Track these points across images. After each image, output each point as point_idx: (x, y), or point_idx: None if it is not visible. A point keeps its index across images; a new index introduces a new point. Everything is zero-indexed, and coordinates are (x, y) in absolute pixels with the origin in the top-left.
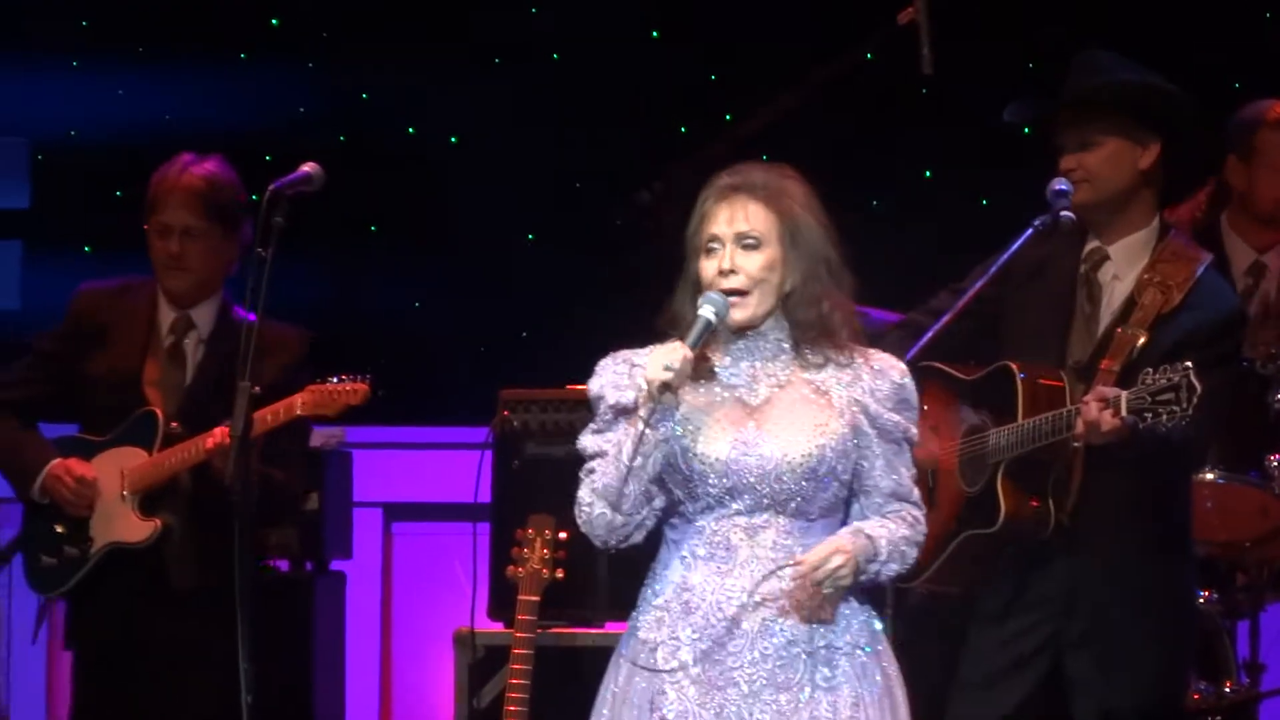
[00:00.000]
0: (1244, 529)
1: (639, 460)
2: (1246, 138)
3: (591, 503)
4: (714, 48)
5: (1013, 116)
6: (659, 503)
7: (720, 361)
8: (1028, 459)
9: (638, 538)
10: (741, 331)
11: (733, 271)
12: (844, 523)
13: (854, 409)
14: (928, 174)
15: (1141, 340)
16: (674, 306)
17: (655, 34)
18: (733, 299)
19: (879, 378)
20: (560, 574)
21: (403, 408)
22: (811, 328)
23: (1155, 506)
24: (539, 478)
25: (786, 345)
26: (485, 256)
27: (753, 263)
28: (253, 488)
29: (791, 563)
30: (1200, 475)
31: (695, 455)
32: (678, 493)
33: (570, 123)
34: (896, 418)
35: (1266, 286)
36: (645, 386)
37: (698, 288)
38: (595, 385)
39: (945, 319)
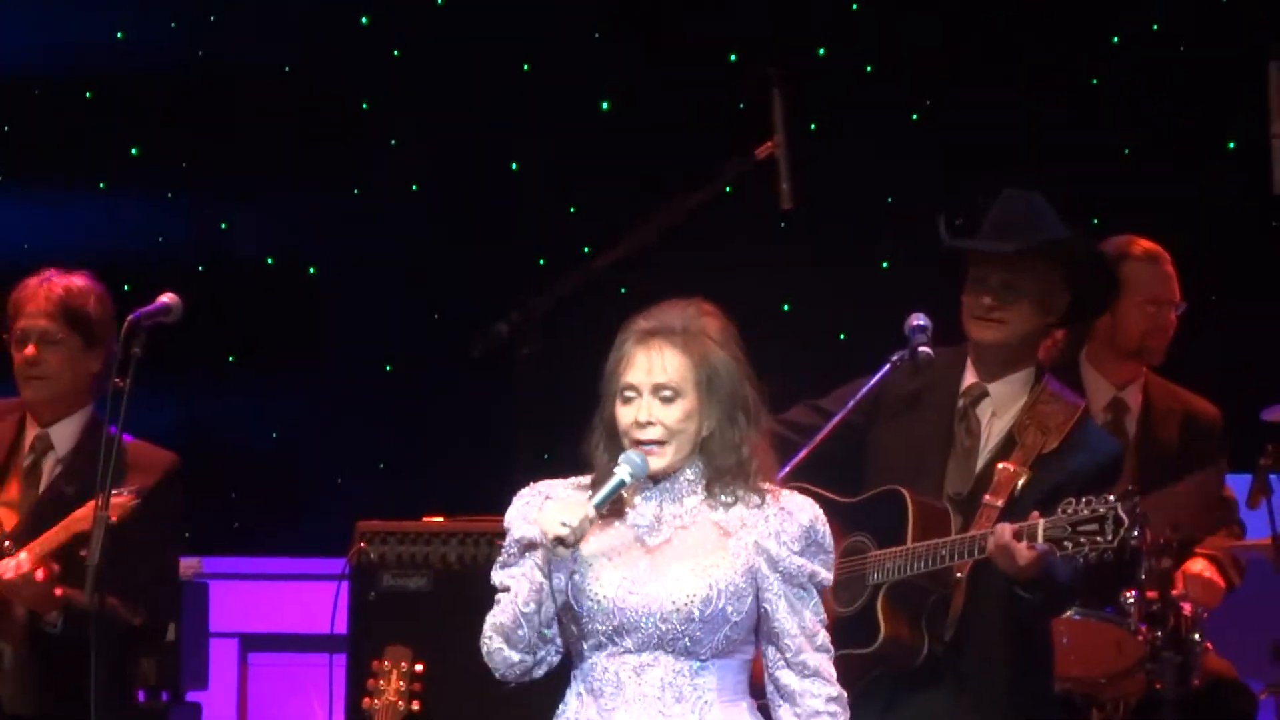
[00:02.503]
0: (1100, 664)
1: (533, 605)
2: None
3: (491, 637)
4: (572, 180)
5: (951, 242)
6: (559, 641)
7: (630, 502)
8: (911, 584)
9: (538, 673)
10: (656, 477)
11: (650, 423)
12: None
13: (754, 551)
14: (786, 307)
15: (1024, 478)
16: (588, 445)
17: (514, 165)
18: (649, 448)
19: (786, 519)
20: (416, 706)
21: (260, 538)
22: (727, 471)
23: (1023, 638)
24: (395, 609)
25: (699, 486)
26: (343, 387)
27: (670, 414)
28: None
29: None
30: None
31: (585, 593)
32: (572, 629)
33: (429, 254)
34: (802, 561)
35: (1126, 424)
36: (533, 521)
37: (613, 433)
38: (508, 516)
39: (816, 440)
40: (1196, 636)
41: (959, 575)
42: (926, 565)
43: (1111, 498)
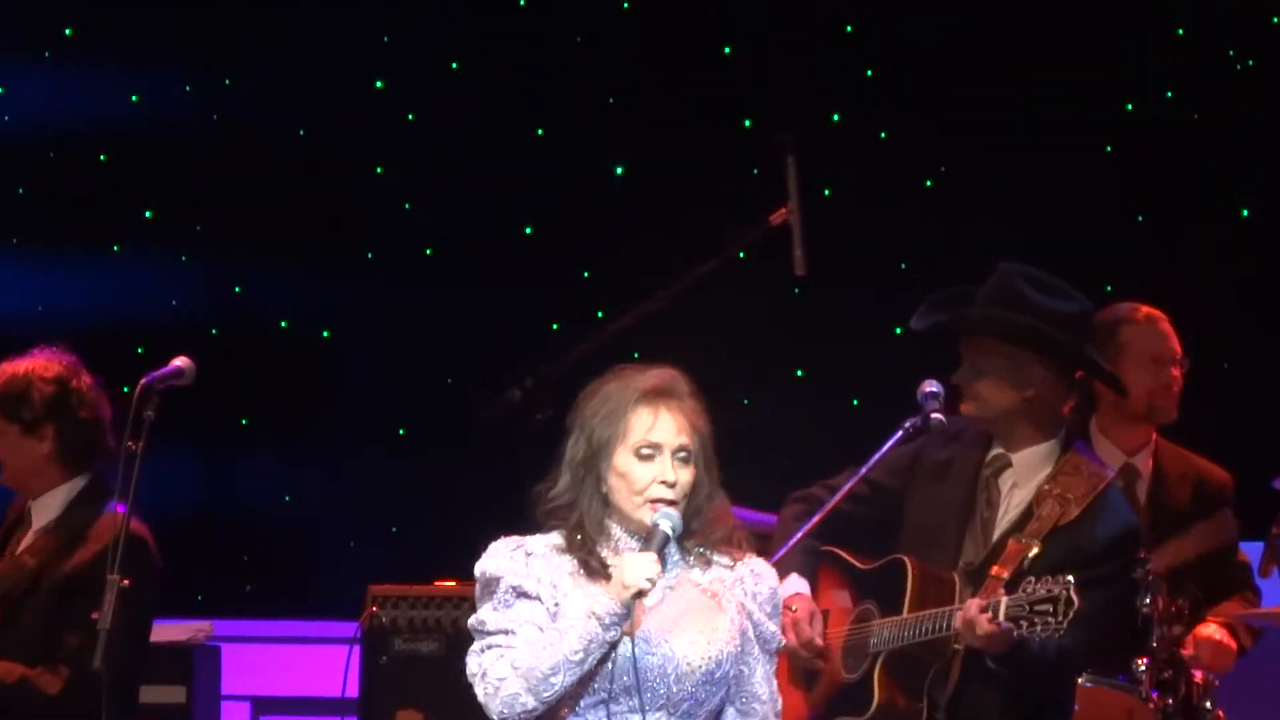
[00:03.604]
0: None
1: (581, 655)
2: (1110, 338)
3: (505, 679)
4: (586, 244)
5: (915, 324)
6: None
7: (614, 565)
8: (908, 654)
9: None
10: (645, 537)
11: (674, 484)
12: None
13: (742, 614)
14: (799, 373)
15: (1034, 551)
16: (554, 500)
17: (528, 230)
18: (660, 506)
19: (759, 582)
20: None
21: (272, 601)
22: (708, 534)
23: (1020, 711)
24: (406, 673)
25: (676, 548)
26: (356, 451)
27: (685, 476)
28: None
29: None
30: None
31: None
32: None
33: (442, 318)
34: (774, 627)
35: (1137, 490)
36: (620, 590)
37: (597, 488)
38: (491, 565)
39: (827, 508)
40: (1208, 704)
41: (956, 646)
42: (916, 635)
43: (1070, 578)
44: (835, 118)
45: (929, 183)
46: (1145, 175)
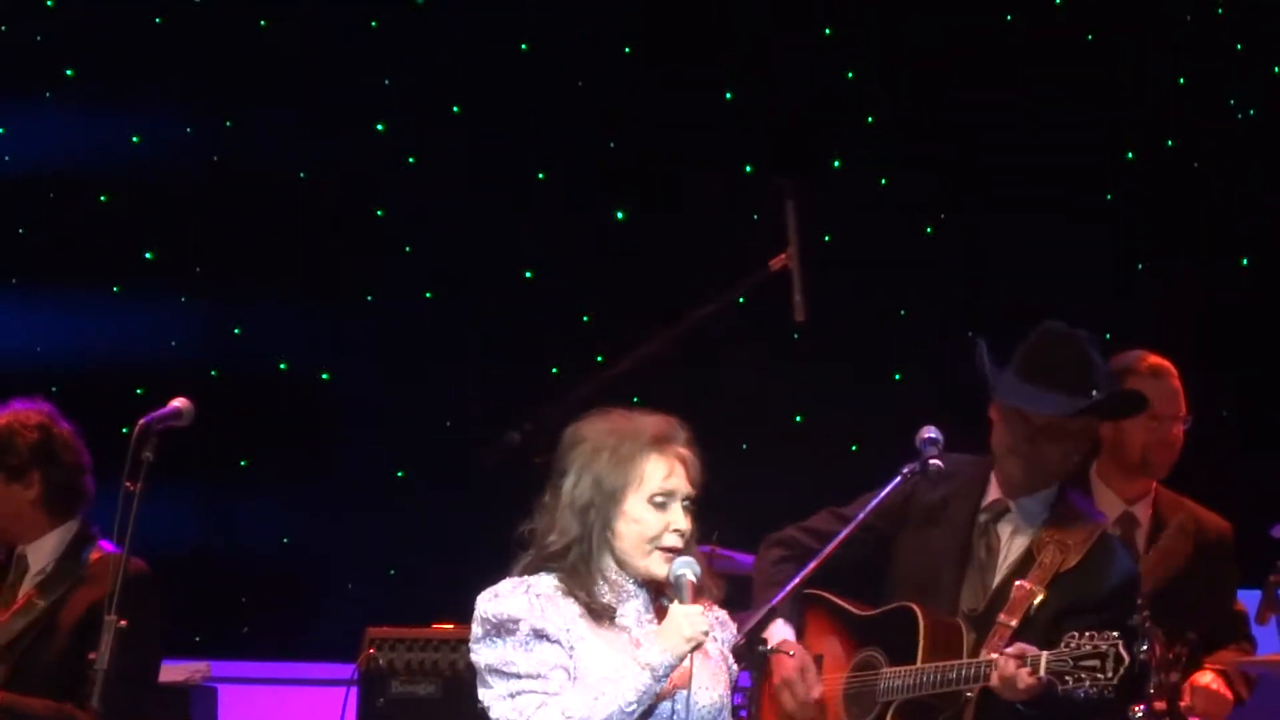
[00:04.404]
0: None
1: (635, 707)
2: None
3: None
4: (586, 288)
5: (1008, 398)
6: None
7: (617, 610)
8: (919, 702)
9: None
10: (645, 582)
11: (685, 532)
12: None
13: (725, 662)
14: (798, 418)
15: (1040, 597)
16: (571, 538)
17: (528, 274)
18: (669, 555)
19: (728, 629)
20: None
21: (269, 643)
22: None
23: None
24: (404, 715)
25: (651, 593)
26: (355, 493)
27: (689, 524)
28: None
29: None
30: None
31: None
32: None
33: (442, 361)
34: (737, 671)
35: (1136, 539)
36: (681, 644)
37: (643, 538)
38: (510, 606)
39: (823, 555)
40: None
41: (968, 695)
42: (935, 686)
43: (1116, 634)
44: (836, 164)
45: (929, 229)
46: (1146, 223)
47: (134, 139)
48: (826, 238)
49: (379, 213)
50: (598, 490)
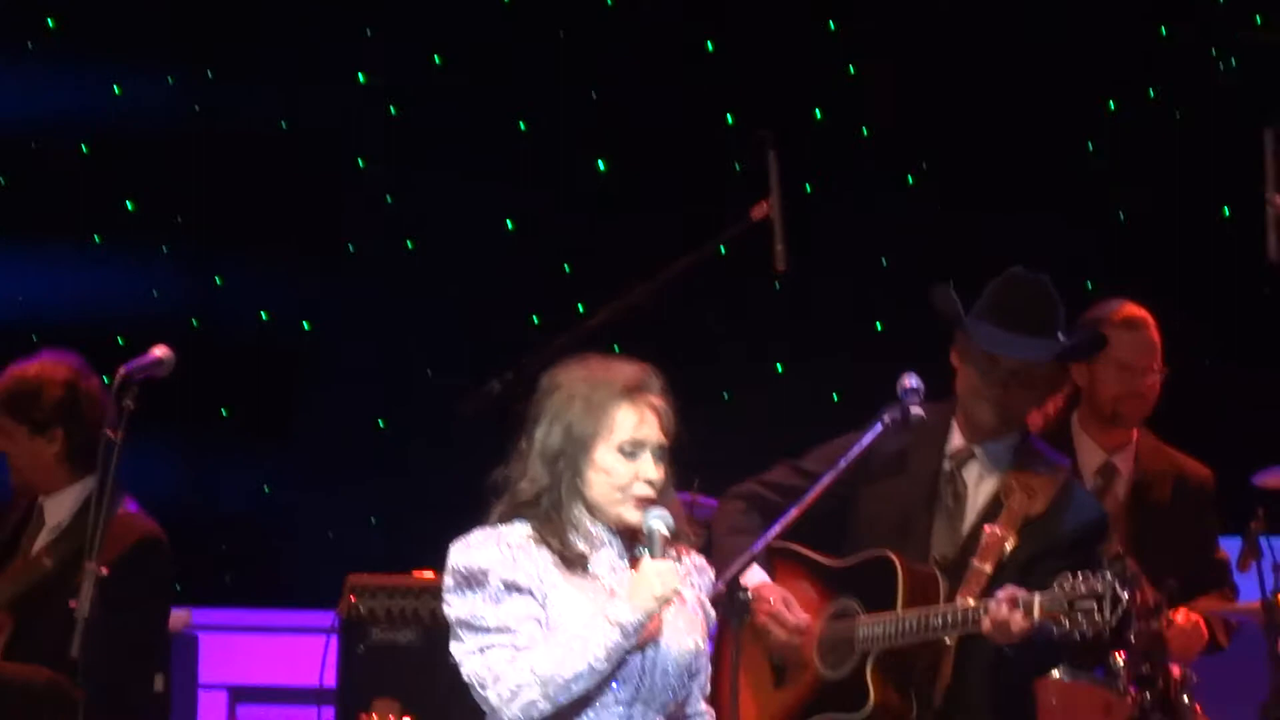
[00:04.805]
0: None
1: (605, 664)
2: None
3: (524, 685)
4: (567, 239)
5: (983, 343)
6: None
7: (591, 559)
8: (899, 650)
9: None
10: (619, 530)
11: (655, 481)
12: None
13: (702, 609)
14: (779, 368)
15: (1011, 543)
16: (542, 486)
17: (509, 224)
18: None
19: (704, 575)
20: None
21: (250, 590)
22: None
23: (1009, 704)
24: (384, 663)
25: (625, 541)
26: (335, 442)
27: (661, 473)
28: None
29: None
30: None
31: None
32: None
33: (422, 311)
34: (715, 619)
35: (1116, 488)
36: (650, 601)
37: (613, 486)
38: (479, 558)
39: (806, 502)
40: (1186, 699)
41: (947, 642)
42: (917, 633)
43: (1109, 575)
44: (817, 114)
45: (910, 179)
46: (1127, 174)
47: (115, 90)
48: (808, 187)
49: (360, 163)
50: (568, 438)
